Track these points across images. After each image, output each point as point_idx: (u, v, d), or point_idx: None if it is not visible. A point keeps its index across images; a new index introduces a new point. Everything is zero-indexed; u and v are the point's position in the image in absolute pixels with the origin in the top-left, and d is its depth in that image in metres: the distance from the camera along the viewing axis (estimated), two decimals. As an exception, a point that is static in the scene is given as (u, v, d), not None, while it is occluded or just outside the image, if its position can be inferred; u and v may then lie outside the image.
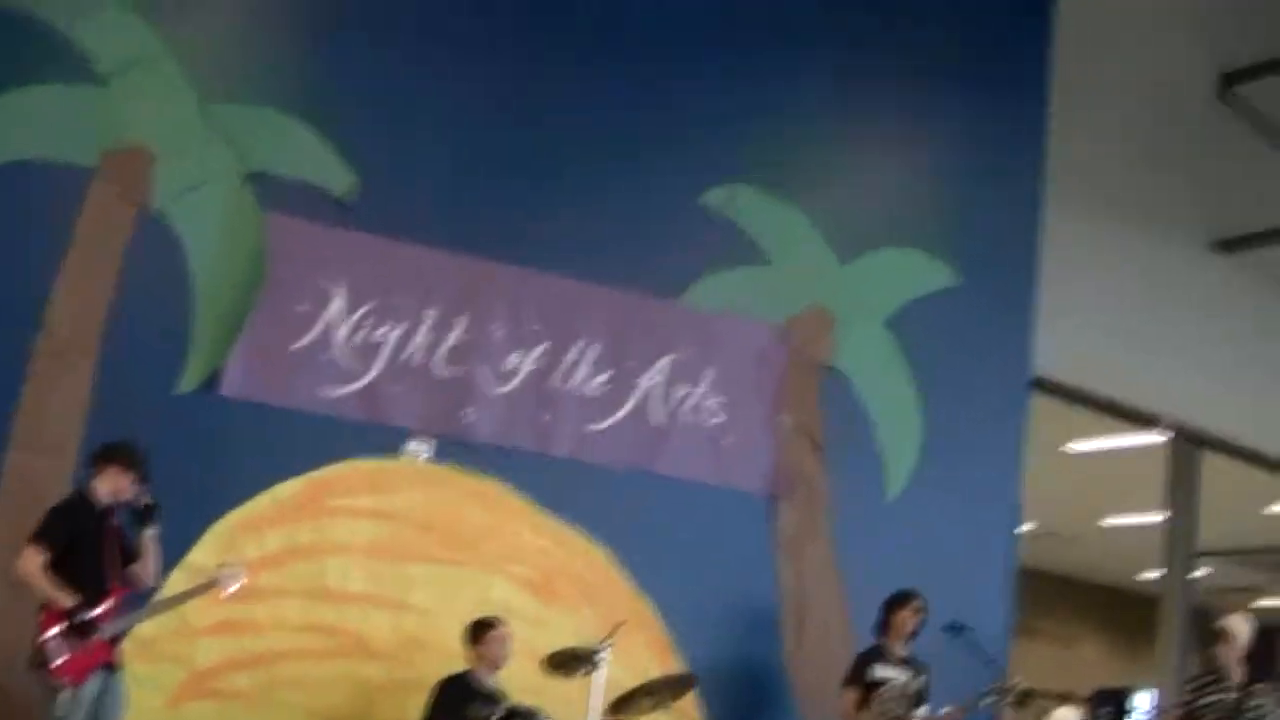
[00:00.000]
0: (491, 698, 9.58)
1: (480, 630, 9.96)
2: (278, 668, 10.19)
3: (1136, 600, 27.53)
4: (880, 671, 10.62)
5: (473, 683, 9.82)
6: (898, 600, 10.85)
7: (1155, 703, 11.58)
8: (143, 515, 8.87)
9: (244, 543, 10.14)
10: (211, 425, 10.17)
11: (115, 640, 8.73)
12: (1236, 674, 11.15)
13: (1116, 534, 25.12)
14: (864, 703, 10.56)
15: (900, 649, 10.76)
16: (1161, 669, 19.57)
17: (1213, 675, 11.23)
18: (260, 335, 10.32)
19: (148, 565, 8.90)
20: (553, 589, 10.97)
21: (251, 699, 10.09)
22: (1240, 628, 11.33)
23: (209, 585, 9.06)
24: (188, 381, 10.18)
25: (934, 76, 12.78)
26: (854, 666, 10.70)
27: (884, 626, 10.85)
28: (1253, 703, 11.04)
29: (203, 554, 9.95)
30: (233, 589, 9.09)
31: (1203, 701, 11.13)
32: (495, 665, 9.89)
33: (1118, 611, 29.61)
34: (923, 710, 10.70)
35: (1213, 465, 18.79)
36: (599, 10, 11.64)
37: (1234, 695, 11.05)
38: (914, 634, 10.84)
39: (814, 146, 12.40)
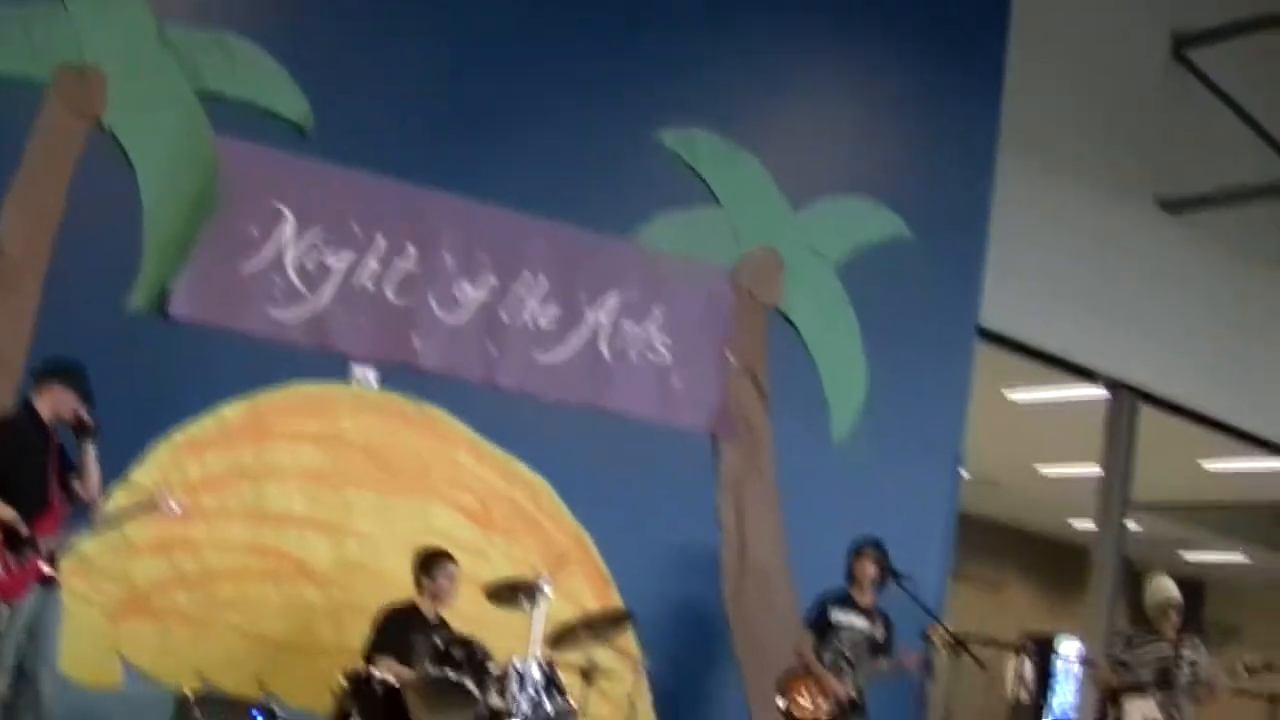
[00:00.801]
0: (435, 631, 9.59)
1: (431, 563, 9.92)
2: (217, 588, 10.22)
3: (1068, 550, 27.75)
4: (839, 616, 10.69)
5: (416, 615, 9.83)
6: (859, 548, 10.88)
7: (1081, 651, 11.66)
8: (82, 433, 8.84)
9: (186, 463, 10.15)
10: (158, 346, 10.16)
11: (54, 557, 8.71)
12: (1168, 629, 11.28)
13: (1052, 484, 25.31)
14: (822, 644, 10.63)
15: (863, 597, 10.82)
16: (1089, 619, 19.78)
17: (1144, 630, 11.37)
18: (209, 257, 10.29)
19: (88, 482, 8.87)
20: (493, 519, 11.01)
21: (190, 618, 10.12)
22: (1169, 585, 11.48)
23: (149, 505, 9.03)
24: (135, 301, 10.16)
25: (892, 30, 12.83)
26: (816, 609, 10.75)
27: (847, 573, 10.88)
28: (1187, 654, 11.19)
29: (145, 473, 9.97)
30: (173, 509, 9.06)
31: (1136, 655, 11.27)
32: (440, 600, 9.89)
33: (1049, 560, 29.84)
34: (884, 660, 10.80)
35: (1150, 420, 18.97)
36: (556, -51, 11.64)
37: (1169, 649, 11.19)
38: (876, 584, 10.87)
39: (770, 93, 12.42)
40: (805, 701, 10.45)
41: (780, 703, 10.50)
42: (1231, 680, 11.24)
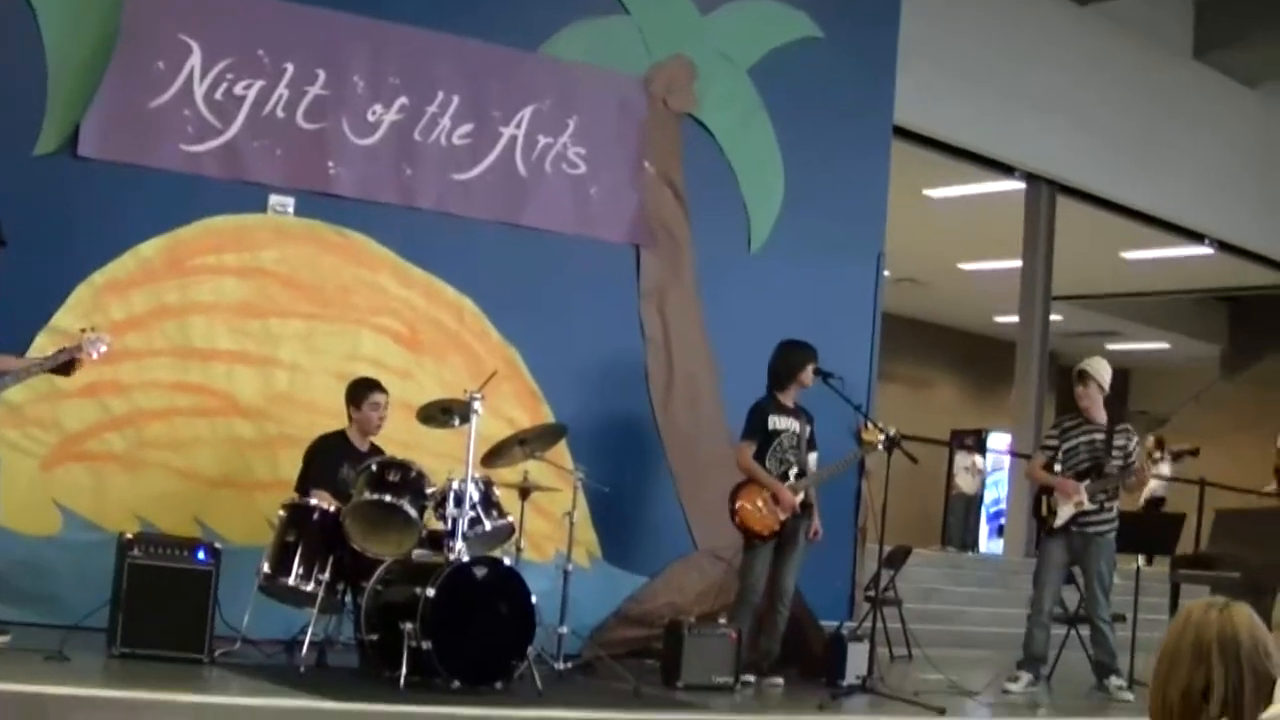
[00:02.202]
0: (363, 457, 9.63)
1: (357, 393, 9.93)
2: (148, 428, 10.21)
3: (992, 344, 28.08)
4: (776, 422, 10.75)
5: (345, 444, 9.87)
6: (803, 355, 10.84)
7: (1010, 444, 11.80)
8: None
9: (109, 304, 10.08)
10: (71, 188, 10.03)
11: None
12: (1100, 415, 11.40)
13: (974, 279, 25.52)
14: (761, 452, 10.69)
15: (787, 398, 10.84)
16: (1017, 412, 20.11)
17: (1076, 418, 11.49)
18: (117, 94, 10.13)
19: None
20: (420, 341, 11.02)
21: (123, 460, 10.12)
22: (1101, 369, 11.58)
23: (74, 351, 8.91)
24: (44, 144, 9.99)
25: None
26: (752, 419, 10.74)
27: (783, 378, 10.83)
28: (1118, 442, 11.34)
29: (68, 317, 9.89)
30: (98, 354, 8.99)
31: (1069, 444, 11.41)
32: (367, 431, 9.91)
33: (974, 355, 30.17)
34: (813, 457, 10.88)
35: (1068, 211, 19.12)
36: None
37: (1100, 436, 11.33)
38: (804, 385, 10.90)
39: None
40: (760, 513, 10.54)
41: (735, 519, 10.58)
42: (1155, 466, 11.42)
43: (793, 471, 10.65)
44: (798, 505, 10.61)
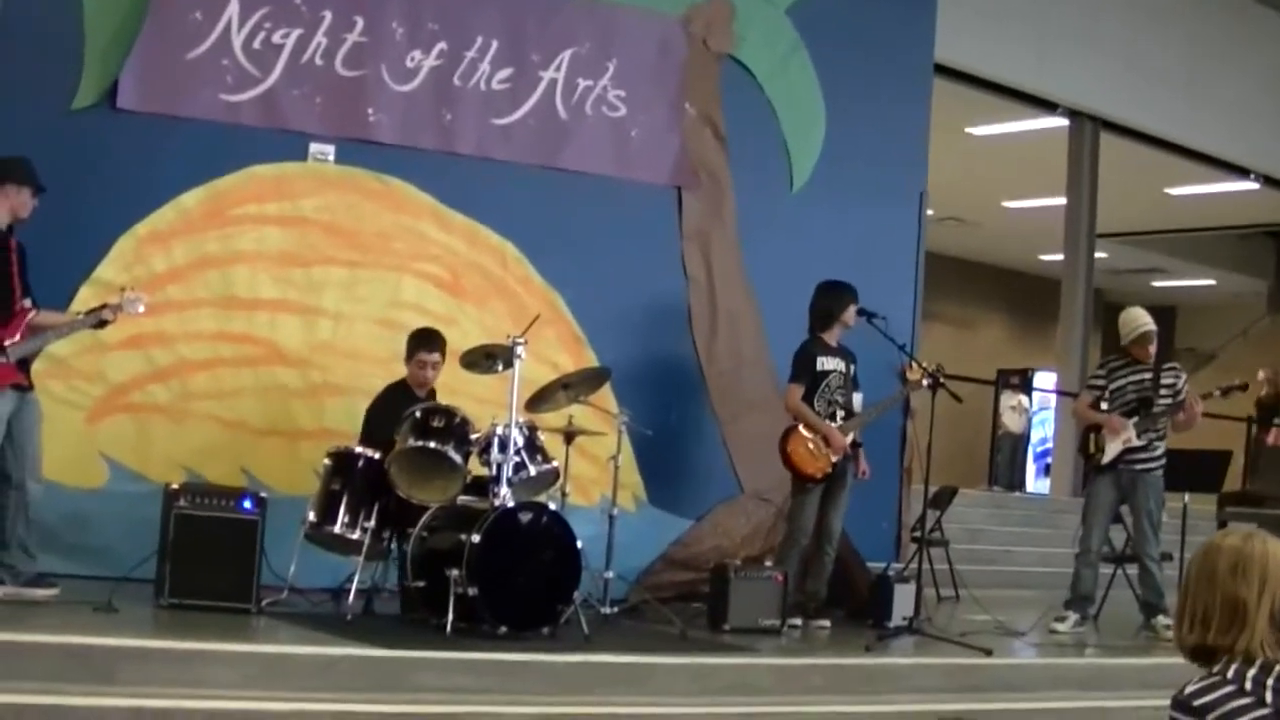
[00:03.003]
0: (416, 403, 9.59)
1: (410, 348, 9.85)
2: (192, 379, 10.23)
3: (1037, 283, 27.96)
4: (824, 363, 10.71)
5: (405, 391, 9.84)
6: (845, 295, 10.77)
7: (1056, 383, 11.73)
8: None
9: (150, 255, 10.10)
10: (111, 141, 10.04)
11: (24, 362, 8.68)
12: (1146, 355, 11.34)
13: (1018, 217, 25.39)
14: (809, 394, 10.65)
15: (832, 338, 10.79)
16: (1062, 351, 20.02)
17: (1123, 358, 11.42)
18: (154, 45, 10.10)
19: None
20: (462, 286, 11.00)
21: (168, 411, 10.15)
22: (1141, 314, 11.53)
23: (115, 309, 8.83)
24: (83, 97, 9.98)
25: None
26: (800, 361, 10.67)
27: (826, 319, 10.78)
28: (1165, 380, 11.27)
29: (110, 269, 9.93)
30: (135, 313, 8.99)
31: (1116, 384, 11.35)
32: (419, 385, 9.89)
33: (1018, 294, 30.04)
34: (857, 397, 10.86)
35: (1112, 148, 18.99)
36: None
37: (1148, 375, 11.27)
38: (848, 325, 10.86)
39: None
40: (812, 455, 10.51)
41: (788, 462, 10.55)
42: (1205, 403, 11.32)
43: (839, 413, 10.62)
44: (848, 446, 10.59)
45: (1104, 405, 11.32)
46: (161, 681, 7.26)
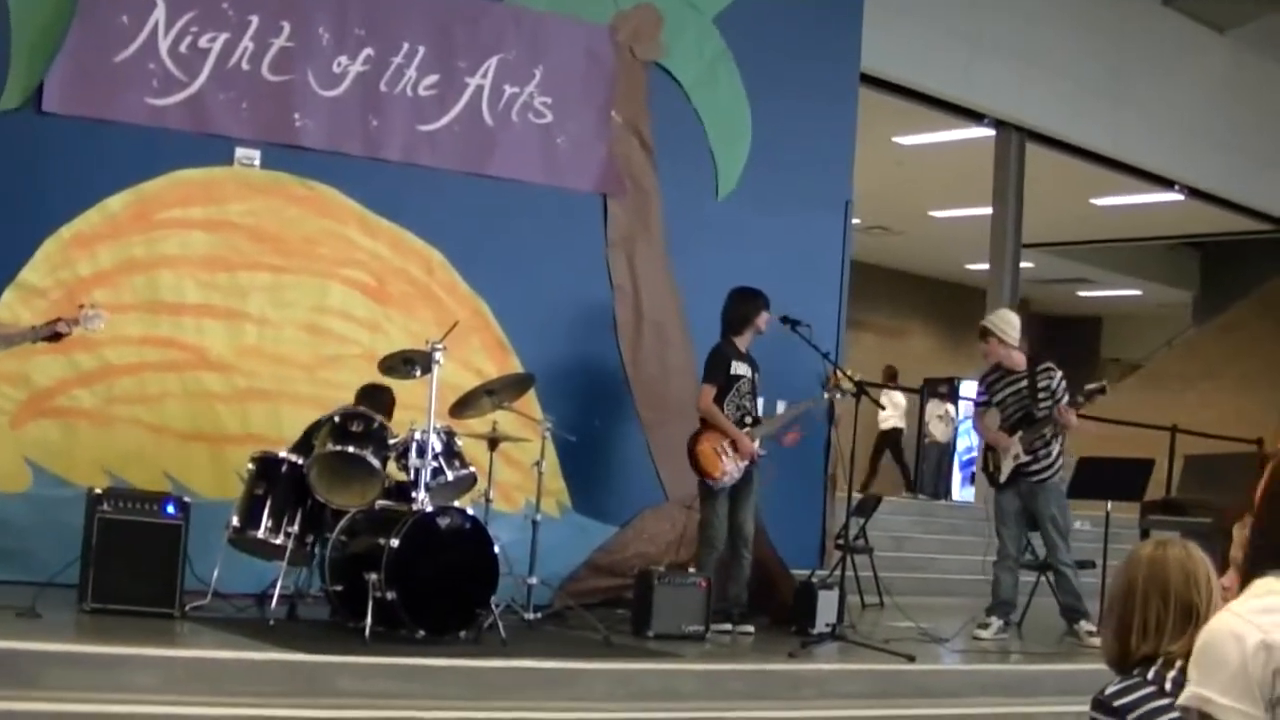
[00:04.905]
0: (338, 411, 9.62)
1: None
2: (117, 383, 10.19)
3: (963, 292, 28.15)
4: (737, 367, 10.78)
5: None
6: (758, 301, 10.90)
7: (979, 392, 11.86)
8: None
9: (76, 259, 10.05)
10: (35, 142, 9.98)
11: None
12: (1016, 363, 11.47)
13: (944, 227, 25.54)
14: (720, 397, 10.72)
15: (744, 345, 10.89)
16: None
17: (997, 370, 11.56)
18: (81, 48, 10.06)
19: None
20: (388, 292, 11.00)
21: (92, 415, 10.10)
22: (1001, 320, 11.69)
23: (70, 324, 8.88)
24: (8, 99, 9.91)
25: None
26: (714, 363, 10.78)
27: (741, 323, 10.89)
28: (1041, 384, 11.39)
29: (35, 273, 9.90)
30: (96, 328, 9.00)
31: (998, 397, 11.50)
32: None
33: (945, 304, 30.21)
34: (760, 401, 10.94)
35: (1038, 158, 19.13)
36: None
37: (1024, 383, 11.40)
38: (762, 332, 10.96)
39: None
40: (720, 459, 10.58)
41: (696, 463, 10.62)
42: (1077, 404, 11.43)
43: (747, 419, 10.71)
44: (757, 453, 10.67)
45: (995, 415, 11.52)
46: (85, 686, 7.25)
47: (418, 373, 9.53)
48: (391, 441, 9.28)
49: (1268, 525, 3.21)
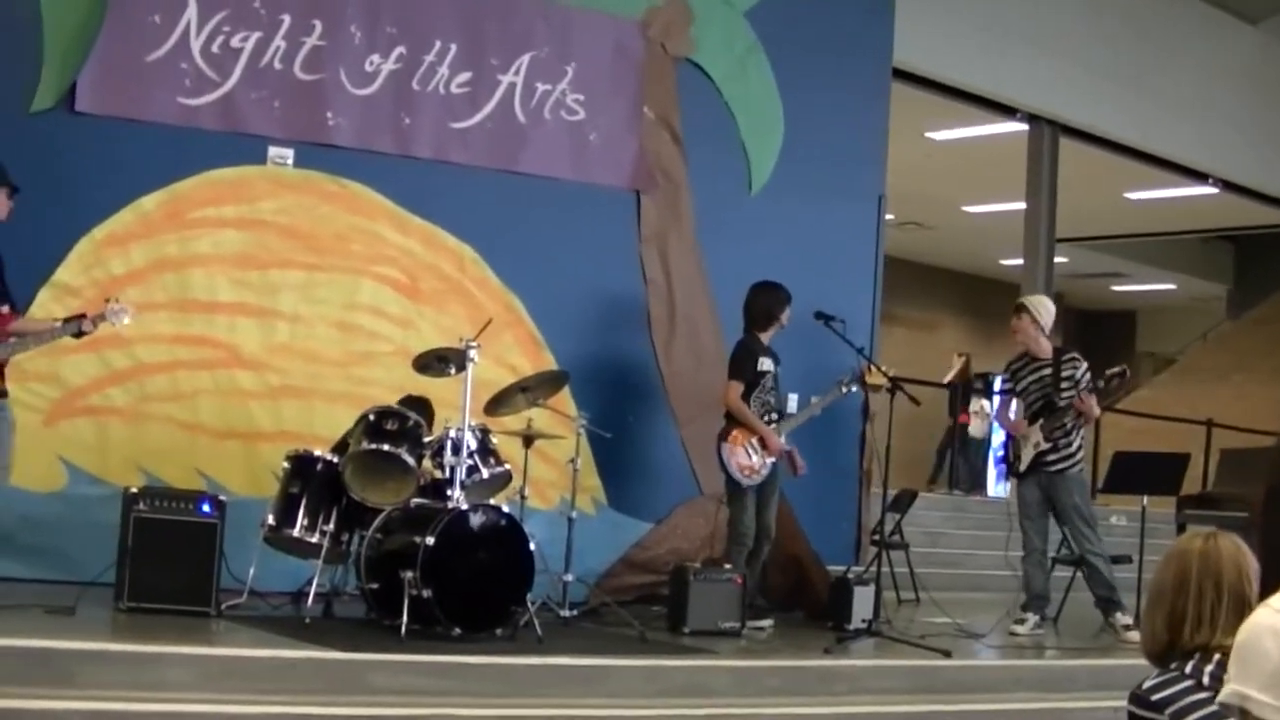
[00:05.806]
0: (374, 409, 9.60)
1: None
2: (150, 381, 10.20)
3: (997, 287, 28.04)
4: (764, 363, 10.76)
5: None
6: (781, 296, 10.88)
7: (1003, 379, 11.81)
8: None
9: (109, 258, 10.06)
10: (68, 142, 9.98)
11: (0, 367, 8.66)
12: (1043, 350, 11.42)
13: (978, 221, 25.46)
14: (747, 392, 10.70)
15: (768, 339, 10.87)
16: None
17: (1022, 358, 11.51)
18: (113, 48, 10.06)
19: None
20: (419, 289, 11.00)
21: (126, 413, 10.12)
22: (1040, 304, 11.64)
23: (96, 319, 8.87)
24: (41, 100, 9.92)
25: None
26: (742, 359, 10.76)
27: (767, 319, 10.87)
28: (1065, 373, 11.33)
29: (69, 272, 9.92)
30: (121, 323, 9.02)
31: (1021, 385, 11.45)
32: None
33: (978, 298, 30.12)
34: (794, 398, 10.92)
35: (1071, 152, 19.06)
36: None
37: (1048, 371, 11.35)
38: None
39: None
40: (748, 455, 10.57)
41: (728, 461, 10.60)
42: (1098, 395, 11.39)
43: (773, 415, 10.69)
44: (783, 449, 10.65)
45: (1014, 406, 11.44)
46: (121, 684, 7.25)
47: (452, 370, 9.53)
48: (426, 439, 9.28)
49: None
